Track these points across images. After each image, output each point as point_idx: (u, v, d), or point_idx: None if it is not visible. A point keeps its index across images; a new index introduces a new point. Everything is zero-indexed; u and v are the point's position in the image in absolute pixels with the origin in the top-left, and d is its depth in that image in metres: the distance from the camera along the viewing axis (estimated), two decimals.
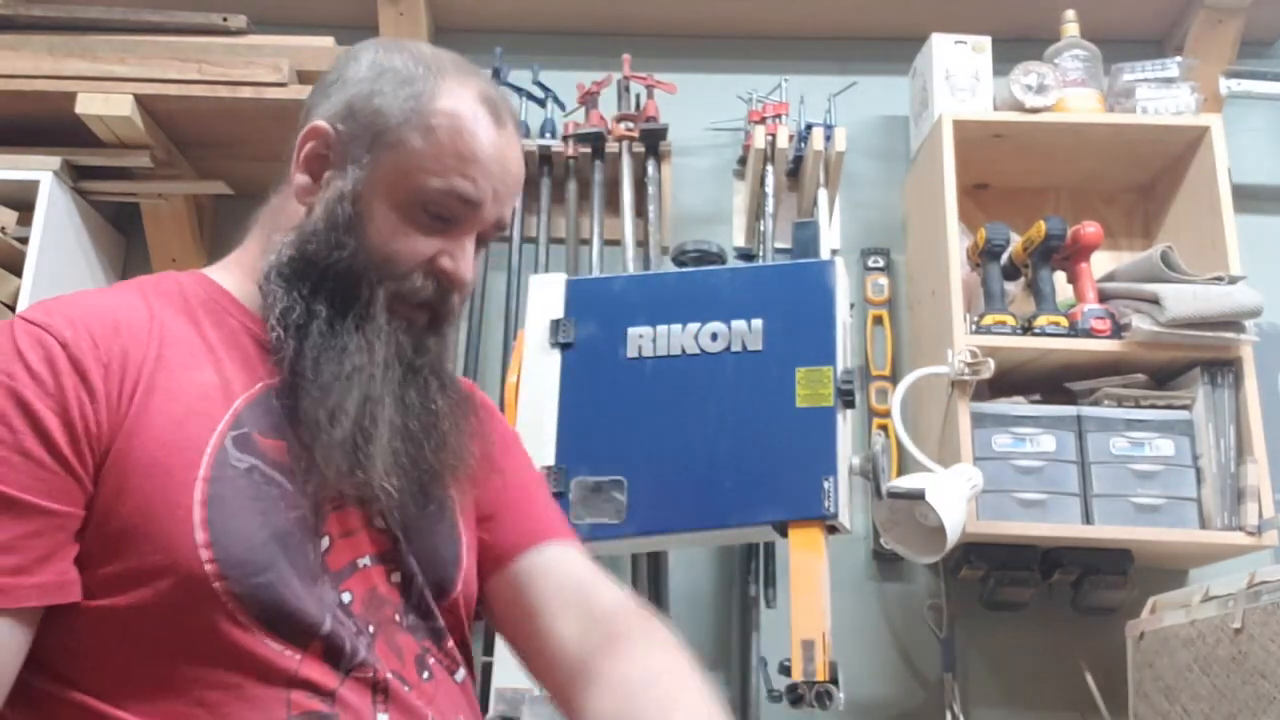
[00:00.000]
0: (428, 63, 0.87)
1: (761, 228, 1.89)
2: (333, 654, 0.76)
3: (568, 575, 0.92)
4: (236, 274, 0.89)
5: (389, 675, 0.77)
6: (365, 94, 0.86)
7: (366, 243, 0.83)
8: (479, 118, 0.86)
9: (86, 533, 0.74)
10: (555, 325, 1.50)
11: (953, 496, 1.45)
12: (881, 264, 1.99)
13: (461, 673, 0.84)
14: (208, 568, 0.72)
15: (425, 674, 0.80)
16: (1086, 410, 1.68)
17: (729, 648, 1.78)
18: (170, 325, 0.81)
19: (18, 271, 1.75)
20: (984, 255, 1.76)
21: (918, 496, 1.44)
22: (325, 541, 0.79)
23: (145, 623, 0.72)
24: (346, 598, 0.79)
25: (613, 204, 1.92)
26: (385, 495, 0.80)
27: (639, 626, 0.89)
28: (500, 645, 1.39)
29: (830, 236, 1.88)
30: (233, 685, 0.72)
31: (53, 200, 1.79)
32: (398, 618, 0.81)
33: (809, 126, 1.91)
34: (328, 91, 0.89)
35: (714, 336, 1.44)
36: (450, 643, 0.85)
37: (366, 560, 0.81)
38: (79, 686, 0.73)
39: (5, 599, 0.70)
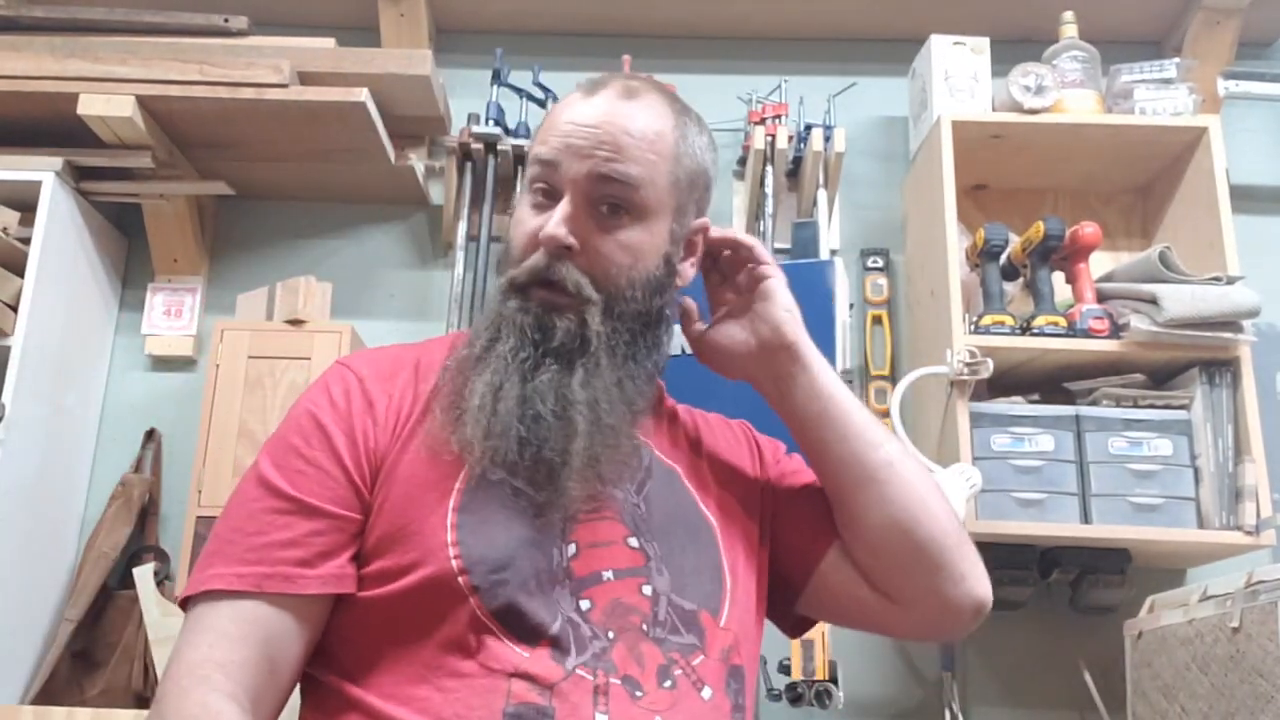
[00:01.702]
0: (576, 87, 0.95)
1: (761, 228, 1.89)
2: (560, 653, 0.80)
3: None
4: None
5: (618, 679, 0.80)
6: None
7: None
8: (572, 99, 0.93)
9: (364, 535, 0.85)
10: None
11: (952, 496, 1.45)
12: (881, 264, 1.99)
13: (709, 691, 0.84)
14: (454, 564, 0.80)
15: (667, 683, 0.82)
16: (1085, 410, 1.68)
17: None
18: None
19: (20, 272, 1.75)
20: (983, 255, 1.77)
21: None
22: (572, 548, 0.84)
23: (400, 611, 0.81)
24: (585, 605, 0.83)
25: None
26: (488, 458, 0.84)
27: None
28: None
29: (829, 237, 1.89)
30: (465, 673, 0.78)
31: (55, 201, 1.80)
32: (645, 627, 0.83)
33: (808, 127, 1.92)
34: None
35: None
36: (701, 659, 0.85)
37: (610, 574, 0.85)
38: (335, 670, 0.83)
39: (292, 586, 0.82)
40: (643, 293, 0.91)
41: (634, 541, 0.87)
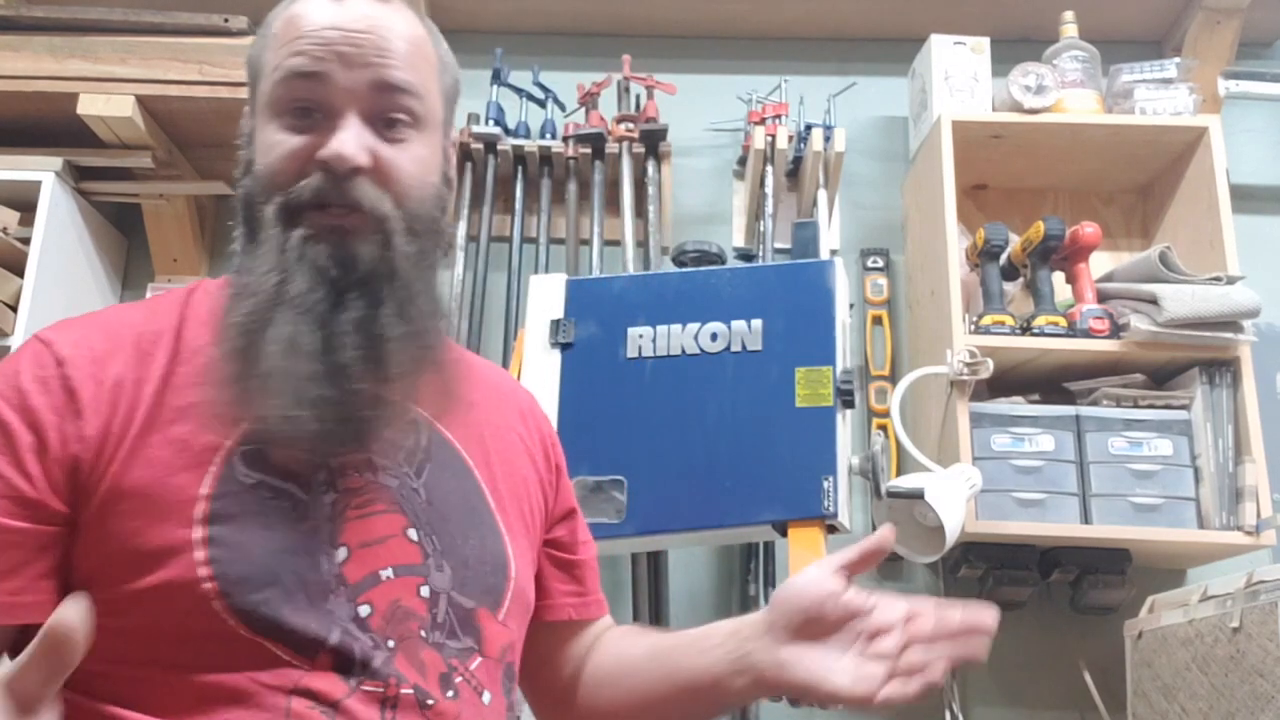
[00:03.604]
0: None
1: (761, 228, 1.89)
2: (343, 665, 0.72)
3: (606, 644, 0.99)
4: None
5: (408, 690, 0.74)
6: (250, 54, 0.86)
7: (255, 169, 0.81)
8: (310, 3, 0.82)
9: (81, 551, 0.72)
10: (555, 325, 1.50)
11: (952, 496, 1.45)
12: (881, 264, 1.99)
13: (489, 696, 0.79)
14: (205, 586, 0.70)
15: (450, 692, 0.76)
16: (1085, 410, 1.68)
17: None
18: (192, 340, 0.79)
19: (19, 272, 1.75)
20: (983, 255, 1.77)
21: (917, 496, 1.44)
22: (342, 553, 0.75)
23: (157, 641, 0.71)
24: (364, 610, 0.74)
25: (613, 204, 1.92)
26: (287, 425, 0.74)
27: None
28: None
29: (830, 237, 1.89)
30: (241, 692, 0.70)
31: (54, 201, 1.80)
32: (424, 633, 0.77)
33: (808, 127, 1.91)
34: None
35: (714, 336, 1.44)
36: (478, 662, 0.80)
37: (389, 572, 0.77)
38: (93, 693, 0.71)
39: None
40: (435, 209, 0.84)
41: (413, 534, 0.79)
